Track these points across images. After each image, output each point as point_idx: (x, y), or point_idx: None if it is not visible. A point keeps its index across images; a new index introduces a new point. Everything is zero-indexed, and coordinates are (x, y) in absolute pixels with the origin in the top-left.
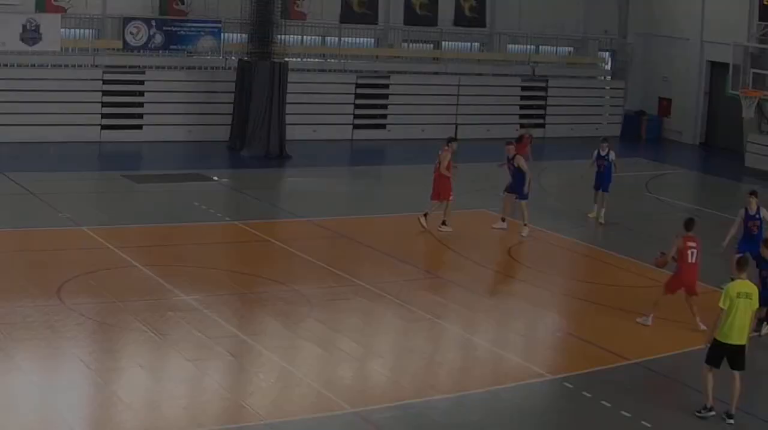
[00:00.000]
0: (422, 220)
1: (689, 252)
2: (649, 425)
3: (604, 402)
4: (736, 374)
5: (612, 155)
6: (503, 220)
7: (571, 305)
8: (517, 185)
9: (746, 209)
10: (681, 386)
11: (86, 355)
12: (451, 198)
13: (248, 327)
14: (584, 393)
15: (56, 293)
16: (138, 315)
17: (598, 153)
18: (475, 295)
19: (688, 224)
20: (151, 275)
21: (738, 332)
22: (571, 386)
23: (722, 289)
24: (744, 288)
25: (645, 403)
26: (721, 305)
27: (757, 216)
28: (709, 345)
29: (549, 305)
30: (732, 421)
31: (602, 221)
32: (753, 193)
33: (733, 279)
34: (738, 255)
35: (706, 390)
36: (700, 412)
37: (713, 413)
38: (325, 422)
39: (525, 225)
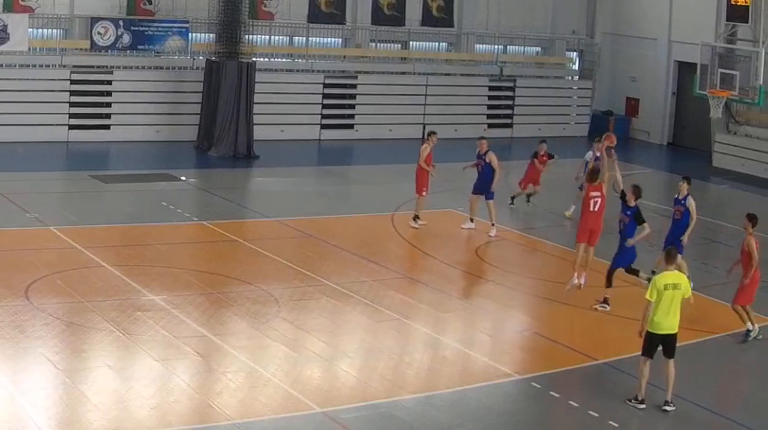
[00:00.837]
0: (412, 223)
1: (591, 201)
2: (616, 425)
3: (571, 402)
4: (670, 361)
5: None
6: (471, 220)
7: (540, 305)
8: (484, 185)
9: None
10: (648, 385)
11: (54, 355)
12: (423, 194)
13: (216, 327)
14: (552, 393)
15: (24, 293)
16: (106, 315)
17: (593, 154)
18: (444, 295)
19: (592, 175)
20: (119, 275)
21: (669, 321)
22: (539, 386)
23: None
24: (671, 279)
25: (613, 403)
26: (648, 297)
27: (683, 202)
28: (643, 336)
29: (517, 305)
30: (671, 408)
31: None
32: (686, 178)
33: (654, 272)
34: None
35: (641, 383)
36: (630, 401)
37: (644, 406)
38: (293, 422)
39: (492, 225)
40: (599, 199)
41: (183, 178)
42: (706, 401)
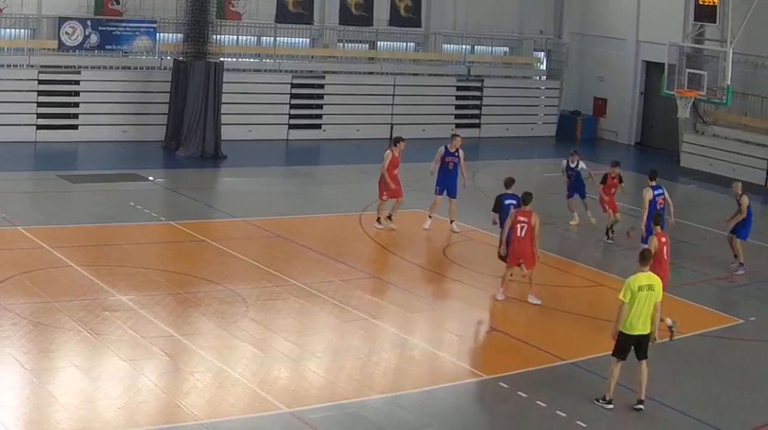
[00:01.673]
0: (387, 223)
1: (518, 226)
2: (584, 425)
3: (539, 402)
4: (643, 362)
5: (582, 164)
6: (430, 217)
7: (507, 305)
8: (454, 182)
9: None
10: (616, 385)
11: (21, 355)
12: (384, 198)
13: (184, 327)
14: (520, 393)
15: None
16: (73, 315)
17: (568, 164)
18: (411, 295)
19: (526, 199)
20: (87, 275)
21: (642, 322)
22: (506, 385)
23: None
24: (645, 281)
25: (580, 402)
26: (621, 297)
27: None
28: (616, 338)
29: (484, 305)
30: (642, 407)
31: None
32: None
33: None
34: (644, 247)
35: (611, 383)
36: (598, 401)
37: (612, 406)
38: (260, 422)
39: (452, 221)
40: (526, 225)
41: (151, 178)
42: (674, 401)
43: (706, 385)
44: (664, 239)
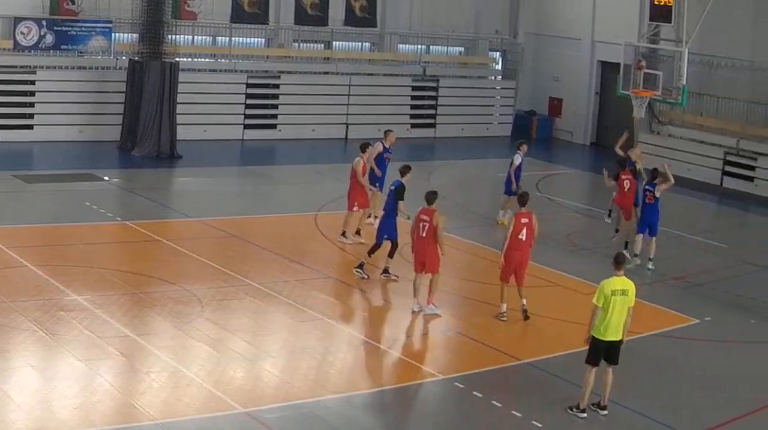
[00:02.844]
0: (356, 237)
1: (420, 225)
2: (539, 425)
3: (495, 402)
4: (610, 368)
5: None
6: (376, 217)
7: (463, 304)
8: (384, 178)
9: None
10: (571, 385)
11: None
12: (355, 209)
13: (139, 327)
14: (475, 393)
15: None
16: (29, 315)
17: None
18: (367, 295)
19: (429, 197)
20: (42, 275)
21: (614, 328)
22: (462, 386)
23: None
24: (620, 285)
25: (535, 403)
26: (595, 302)
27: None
28: (588, 343)
29: (440, 305)
30: (605, 412)
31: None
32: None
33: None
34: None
35: (585, 392)
36: (572, 409)
37: (585, 415)
38: (216, 422)
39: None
40: (428, 224)
41: (106, 178)
42: (630, 402)
43: (662, 385)
44: (524, 220)
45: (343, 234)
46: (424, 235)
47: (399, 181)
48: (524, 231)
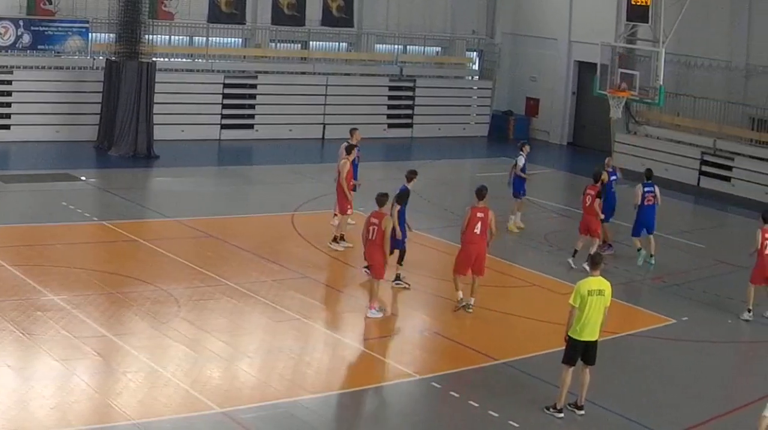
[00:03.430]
0: (335, 245)
1: (370, 228)
2: (516, 425)
3: (471, 402)
4: (587, 368)
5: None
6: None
7: (440, 304)
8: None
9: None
10: (548, 385)
11: None
12: (349, 212)
13: (116, 327)
14: (452, 393)
15: None
16: (6, 315)
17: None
18: (344, 294)
19: (380, 200)
20: (19, 275)
21: (590, 328)
22: (438, 386)
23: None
24: (596, 285)
25: (512, 403)
26: (571, 302)
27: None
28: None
29: (417, 305)
30: (582, 412)
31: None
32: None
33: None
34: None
35: (562, 392)
36: (549, 409)
37: (562, 415)
38: (193, 422)
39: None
40: (376, 227)
41: (83, 178)
42: (608, 402)
43: (640, 385)
44: (480, 215)
45: (335, 239)
46: (372, 238)
47: (405, 187)
48: (479, 225)
